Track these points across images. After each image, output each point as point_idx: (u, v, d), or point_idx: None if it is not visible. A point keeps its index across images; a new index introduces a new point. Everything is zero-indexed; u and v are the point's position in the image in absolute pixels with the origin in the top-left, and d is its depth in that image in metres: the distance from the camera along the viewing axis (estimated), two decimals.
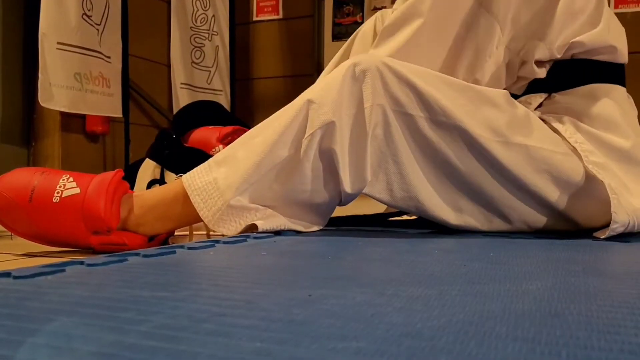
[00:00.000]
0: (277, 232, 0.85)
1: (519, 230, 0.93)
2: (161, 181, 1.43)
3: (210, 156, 1.46)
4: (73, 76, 3.33)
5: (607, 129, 0.92)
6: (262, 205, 0.86)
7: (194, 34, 4.37)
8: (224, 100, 4.56)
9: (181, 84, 4.31)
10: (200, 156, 1.44)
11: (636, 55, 3.77)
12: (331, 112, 0.83)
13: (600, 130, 0.93)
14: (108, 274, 0.49)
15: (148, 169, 1.45)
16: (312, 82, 4.17)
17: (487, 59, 0.91)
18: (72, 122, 3.63)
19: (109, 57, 3.56)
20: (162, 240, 0.93)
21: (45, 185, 0.84)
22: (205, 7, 4.41)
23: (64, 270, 0.50)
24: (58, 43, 3.23)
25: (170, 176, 1.43)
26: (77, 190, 0.84)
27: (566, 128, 0.93)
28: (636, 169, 0.92)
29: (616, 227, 0.83)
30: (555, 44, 0.93)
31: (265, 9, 4.63)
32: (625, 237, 0.86)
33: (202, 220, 0.89)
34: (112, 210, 0.84)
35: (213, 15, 4.46)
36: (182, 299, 0.39)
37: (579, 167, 0.88)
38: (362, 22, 4.39)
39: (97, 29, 3.48)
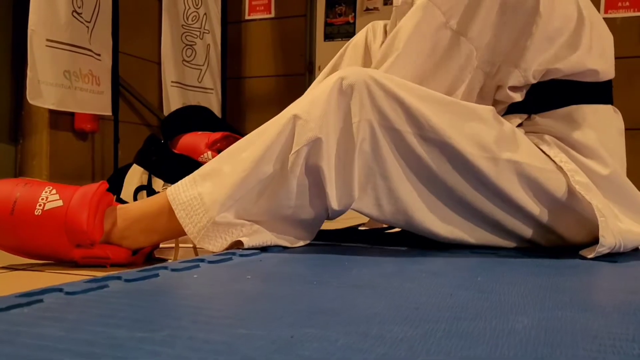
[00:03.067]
0: (264, 248, 0.84)
1: (507, 245, 0.93)
2: (148, 187, 1.41)
3: (199, 163, 1.45)
4: (62, 73, 3.29)
5: (586, 156, 0.92)
6: (248, 221, 0.85)
7: (185, 32, 4.34)
8: (215, 98, 4.54)
9: (172, 82, 4.28)
10: (188, 163, 1.42)
11: (627, 60, 3.80)
12: (318, 128, 0.83)
13: (579, 155, 0.92)
14: (87, 306, 0.48)
15: (135, 174, 1.44)
16: (304, 81, 4.26)
17: (460, 84, 0.92)
18: (60, 119, 3.60)
19: (99, 55, 3.53)
20: (147, 253, 0.91)
21: (28, 198, 0.83)
22: (197, 5, 4.38)
23: (41, 301, 0.48)
24: (47, 40, 3.20)
25: (157, 182, 1.42)
26: (60, 203, 0.83)
27: (550, 147, 0.92)
28: (616, 192, 0.91)
29: (603, 250, 0.83)
30: (531, 70, 0.92)
31: (258, 8, 4.61)
32: (612, 255, 0.86)
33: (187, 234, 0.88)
34: (96, 223, 0.83)
35: (205, 14, 4.43)
36: (160, 341, 0.38)
37: (564, 185, 0.88)
38: (354, 23, 4.38)
39: (87, 26, 3.44)
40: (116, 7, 3.59)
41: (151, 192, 1.41)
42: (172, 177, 1.42)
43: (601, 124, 0.95)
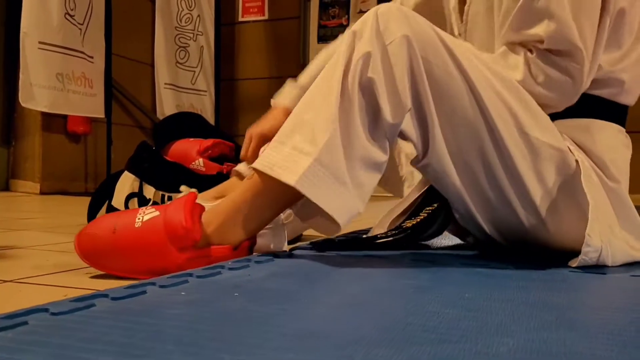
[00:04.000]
0: (256, 258, 0.84)
1: (496, 236, 0.93)
2: (140, 194, 1.41)
3: (190, 171, 1.44)
4: (55, 76, 3.28)
5: (597, 166, 0.93)
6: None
7: (178, 34, 4.33)
8: (209, 100, 4.53)
9: (165, 84, 4.27)
10: (179, 170, 1.42)
11: None
12: (368, 43, 0.84)
13: (592, 163, 0.93)
14: (72, 328, 0.47)
15: (127, 181, 1.43)
16: None
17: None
18: (53, 122, 3.59)
19: (91, 57, 3.52)
20: (247, 248, 0.92)
21: (127, 217, 0.88)
22: (190, 7, 4.37)
23: (26, 323, 0.48)
24: (40, 43, 3.18)
25: (149, 189, 1.41)
26: (157, 213, 0.87)
27: (570, 144, 0.93)
28: (619, 207, 0.92)
29: (588, 251, 0.84)
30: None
31: (251, 10, 4.60)
32: (600, 267, 0.87)
33: (284, 209, 0.89)
34: (194, 222, 0.85)
35: (198, 15, 4.43)
36: None
37: (576, 179, 0.89)
38: (347, 25, 4.37)
39: (80, 29, 3.43)
40: (109, 9, 3.58)
41: (142, 199, 1.40)
42: (163, 184, 1.41)
43: (614, 141, 0.97)
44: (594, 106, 0.97)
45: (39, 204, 2.86)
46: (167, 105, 4.27)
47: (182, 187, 1.35)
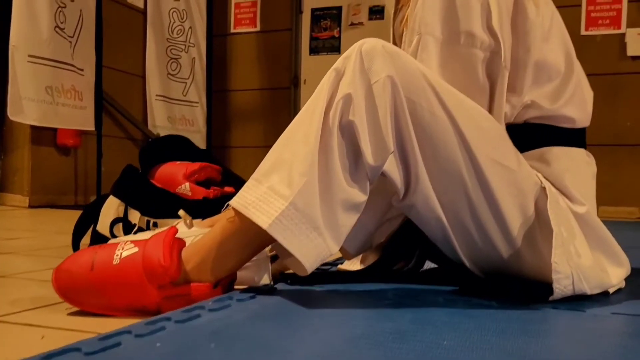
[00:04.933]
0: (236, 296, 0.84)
1: (474, 269, 0.93)
2: (124, 219, 1.40)
3: (176, 196, 1.44)
4: (44, 89, 3.27)
5: (561, 191, 0.93)
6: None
7: (170, 46, 4.33)
8: (200, 111, 4.53)
9: (156, 95, 4.27)
10: (164, 196, 1.41)
11: (607, 77, 3.85)
12: (348, 84, 0.84)
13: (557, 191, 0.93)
14: None
15: (112, 206, 1.42)
16: (289, 94, 4.29)
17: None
18: (42, 135, 3.58)
19: (81, 70, 3.51)
20: (227, 285, 0.91)
21: (105, 253, 0.87)
22: (182, 19, 4.37)
23: None
24: (29, 56, 3.17)
25: (134, 214, 1.40)
26: (136, 249, 0.86)
27: (536, 172, 0.93)
28: (590, 232, 0.92)
29: (559, 279, 0.84)
30: (521, 100, 0.95)
31: (243, 22, 4.62)
32: (580, 299, 0.86)
33: (262, 248, 0.88)
34: (172, 260, 0.84)
35: (190, 27, 4.43)
36: None
37: (544, 207, 0.89)
38: (339, 37, 4.40)
39: (70, 41, 3.42)
40: (100, 21, 3.57)
41: (127, 224, 1.40)
42: (148, 209, 1.41)
43: (574, 166, 0.97)
44: (546, 134, 0.97)
45: (27, 219, 2.84)
46: (158, 116, 4.27)
47: (181, 212, 1.34)
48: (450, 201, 0.88)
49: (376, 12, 4.26)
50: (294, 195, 0.80)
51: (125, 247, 0.88)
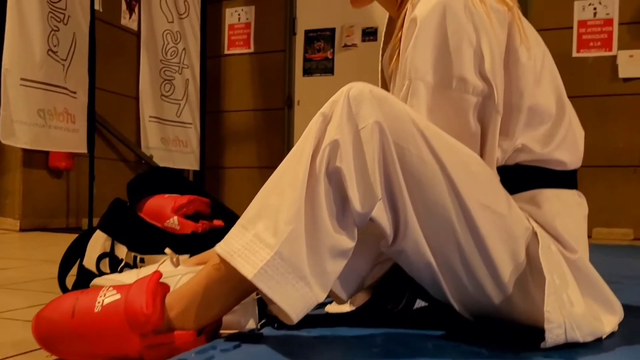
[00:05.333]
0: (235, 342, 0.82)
1: (464, 313, 0.92)
2: (111, 254, 1.38)
3: (163, 231, 1.42)
4: (36, 112, 3.26)
5: (553, 236, 0.92)
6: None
7: (163, 67, 4.34)
8: (194, 133, 4.52)
9: (150, 117, 4.27)
10: (152, 230, 1.40)
11: (599, 98, 3.86)
12: (335, 129, 0.82)
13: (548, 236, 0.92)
14: None
15: (98, 241, 1.40)
16: (283, 115, 4.31)
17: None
18: (34, 157, 3.56)
19: (74, 93, 3.50)
20: (211, 332, 0.89)
21: (86, 300, 0.85)
22: (176, 41, 4.38)
23: None
24: (22, 79, 3.16)
25: (121, 249, 1.38)
26: (118, 296, 0.84)
27: (527, 216, 0.92)
28: (582, 279, 0.91)
29: (552, 328, 0.82)
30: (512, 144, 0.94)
31: (237, 43, 4.63)
32: (572, 347, 0.85)
33: (247, 295, 0.86)
34: (155, 307, 0.82)
35: (184, 49, 4.44)
36: None
37: (537, 253, 0.88)
38: (332, 58, 4.41)
39: (63, 64, 3.42)
40: (93, 43, 3.57)
41: (114, 259, 1.38)
42: (135, 244, 1.39)
43: (565, 208, 0.96)
44: (538, 176, 0.96)
45: (16, 245, 2.81)
46: (151, 138, 4.26)
47: (167, 250, 1.32)
48: (440, 247, 0.87)
49: (369, 34, 4.28)
50: (280, 244, 0.79)
51: (107, 294, 0.86)
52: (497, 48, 0.91)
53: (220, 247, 0.83)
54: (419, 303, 1.14)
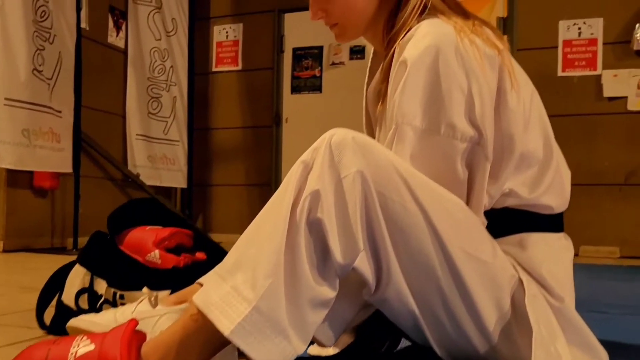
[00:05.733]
0: None
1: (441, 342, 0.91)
2: (90, 290, 1.36)
3: (144, 266, 1.40)
4: (21, 132, 3.23)
5: (539, 283, 0.91)
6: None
7: (151, 85, 4.32)
8: (181, 150, 4.51)
9: (137, 135, 4.25)
10: (132, 264, 1.38)
11: (584, 117, 3.89)
12: (316, 179, 0.80)
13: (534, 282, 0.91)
14: None
15: (78, 275, 1.38)
16: (271, 133, 4.31)
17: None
18: (18, 177, 3.51)
19: (60, 112, 3.48)
20: None
21: (59, 350, 0.83)
22: (163, 58, 4.37)
23: None
24: (6, 99, 3.14)
25: (100, 284, 1.37)
26: (92, 347, 0.82)
27: (512, 261, 0.91)
28: (567, 326, 0.90)
29: None
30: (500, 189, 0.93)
31: (225, 60, 4.63)
32: None
33: (224, 346, 0.84)
34: (130, 358, 0.80)
35: (171, 66, 4.43)
36: None
37: (523, 302, 0.87)
38: (320, 76, 4.42)
39: (49, 84, 3.40)
40: (79, 62, 3.56)
41: (93, 294, 1.36)
42: (115, 280, 1.37)
43: (552, 253, 0.95)
44: (525, 220, 0.95)
45: None
46: (138, 156, 4.24)
47: (145, 289, 1.30)
48: (423, 295, 0.86)
49: (357, 52, 4.29)
50: (258, 298, 0.77)
51: (81, 344, 0.84)
52: (487, 94, 0.90)
53: (198, 298, 0.82)
54: (404, 342, 1.13)
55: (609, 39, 3.76)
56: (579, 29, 3.82)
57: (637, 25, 3.67)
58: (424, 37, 0.90)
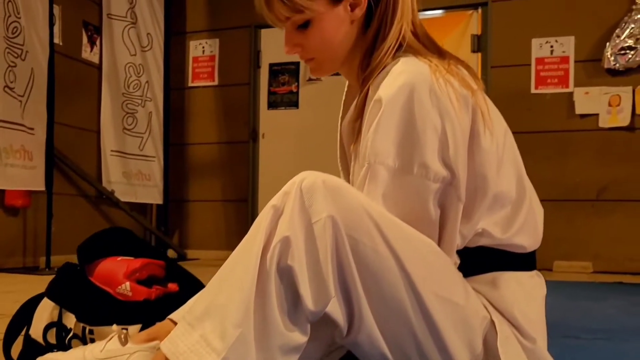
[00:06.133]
0: None
1: None
2: (59, 324, 1.33)
3: (114, 299, 1.38)
4: None
5: (512, 323, 0.92)
6: None
7: (126, 100, 4.28)
8: (157, 166, 4.46)
9: (111, 151, 4.20)
10: (102, 297, 1.36)
11: (557, 134, 3.95)
12: (286, 225, 0.80)
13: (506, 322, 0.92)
14: None
15: (46, 309, 1.36)
16: (247, 148, 4.29)
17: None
18: None
19: (32, 129, 3.42)
20: None
21: None
22: (138, 74, 4.33)
23: None
24: None
25: (69, 318, 1.34)
26: None
27: (484, 301, 0.92)
28: None
29: None
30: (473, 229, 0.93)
31: (201, 75, 4.61)
32: None
33: None
34: None
35: (147, 81, 4.39)
36: None
37: (495, 343, 0.87)
38: (297, 92, 4.42)
39: (20, 101, 3.35)
40: (52, 78, 3.51)
41: (61, 329, 1.33)
42: (84, 314, 1.34)
43: (524, 293, 0.96)
44: (498, 259, 0.96)
45: None
46: (113, 172, 4.19)
47: (114, 327, 1.27)
48: (395, 339, 0.86)
49: None
50: (227, 349, 0.76)
51: None
52: (460, 135, 0.90)
53: (166, 346, 0.81)
54: None
55: (580, 57, 3.84)
56: (551, 47, 3.89)
57: (608, 44, 3.75)
58: (399, 76, 0.91)
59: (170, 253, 4.59)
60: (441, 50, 1.02)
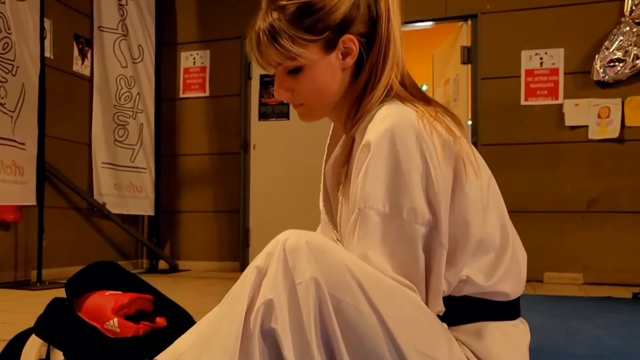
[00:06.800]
0: None
1: None
2: None
3: (103, 335, 1.38)
4: None
5: None
6: None
7: (117, 112, 4.28)
8: (149, 177, 4.46)
9: (103, 163, 4.19)
10: (90, 334, 1.36)
11: (547, 145, 3.97)
12: (269, 288, 0.81)
13: None
14: None
15: (34, 346, 1.36)
16: (239, 160, 4.28)
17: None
18: None
19: (23, 144, 3.41)
20: None
21: None
22: (129, 86, 4.33)
23: None
24: None
25: (57, 355, 1.34)
26: None
27: (468, 354, 0.93)
28: None
29: None
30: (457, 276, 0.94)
31: (192, 87, 4.60)
32: None
33: None
34: None
35: (138, 93, 4.39)
36: None
37: None
38: (287, 104, 4.41)
39: (11, 116, 3.33)
40: (43, 93, 3.49)
41: None
42: (72, 351, 1.35)
43: (508, 343, 0.97)
44: (482, 309, 0.97)
45: None
46: (104, 184, 4.19)
47: None
48: None
49: None
50: None
51: None
52: (442, 182, 0.91)
53: None
54: None
55: (569, 69, 3.86)
56: (541, 59, 3.91)
57: (597, 56, 3.77)
58: (384, 120, 0.92)
59: (162, 264, 4.58)
60: (428, 98, 1.03)
